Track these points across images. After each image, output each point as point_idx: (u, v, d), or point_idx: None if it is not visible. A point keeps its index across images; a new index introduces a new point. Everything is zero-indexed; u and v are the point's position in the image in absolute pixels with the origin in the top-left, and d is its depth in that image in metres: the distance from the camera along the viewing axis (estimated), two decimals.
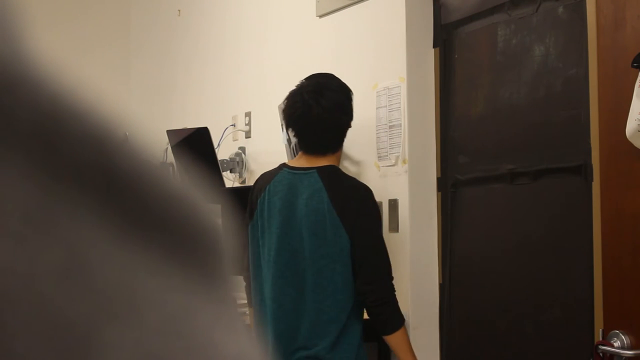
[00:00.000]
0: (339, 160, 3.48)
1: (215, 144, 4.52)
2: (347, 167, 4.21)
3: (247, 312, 3.56)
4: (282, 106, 4.10)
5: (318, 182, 3.32)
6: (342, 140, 3.46)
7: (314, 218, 3.28)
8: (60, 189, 0.30)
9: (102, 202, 0.31)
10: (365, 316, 3.95)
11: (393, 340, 3.34)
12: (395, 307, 3.34)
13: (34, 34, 0.32)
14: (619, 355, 2.93)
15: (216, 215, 0.34)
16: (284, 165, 3.46)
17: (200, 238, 0.33)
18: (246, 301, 3.59)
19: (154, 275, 0.31)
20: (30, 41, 0.32)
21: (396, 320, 3.34)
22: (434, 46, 3.92)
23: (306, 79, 3.47)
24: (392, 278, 3.35)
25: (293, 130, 3.43)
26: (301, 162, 3.43)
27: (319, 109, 3.36)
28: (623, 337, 2.93)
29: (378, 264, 3.31)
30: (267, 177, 3.45)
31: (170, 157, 5.18)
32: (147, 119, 6.02)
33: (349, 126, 3.47)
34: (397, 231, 3.92)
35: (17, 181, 0.29)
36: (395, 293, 3.35)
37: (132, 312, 0.30)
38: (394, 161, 3.93)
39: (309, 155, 3.42)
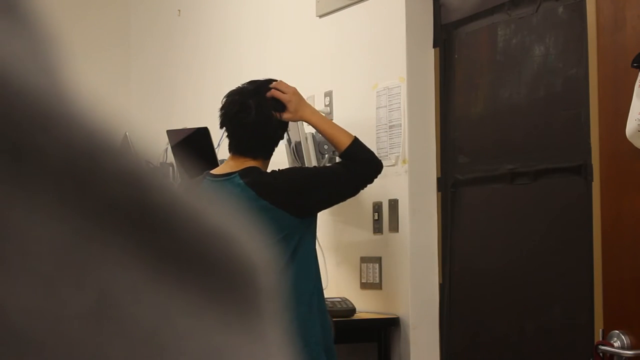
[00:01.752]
0: (267, 166, 3.40)
1: (215, 144, 4.52)
2: None
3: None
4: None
5: (240, 184, 3.26)
6: (273, 150, 3.40)
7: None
8: (92, 229, 0.29)
9: (136, 241, 0.30)
10: (363, 315, 3.95)
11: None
12: (365, 157, 3.45)
13: (71, 66, 0.32)
14: (619, 355, 2.93)
15: (258, 250, 0.33)
16: (207, 173, 3.39)
17: (237, 275, 0.32)
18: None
19: (188, 316, 0.30)
20: (67, 74, 0.31)
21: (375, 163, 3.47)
22: (434, 46, 3.92)
23: (248, 83, 3.43)
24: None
25: (227, 130, 3.38)
26: (225, 167, 3.37)
27: (257, 112, 3.31)
28: (623, 337, 2.93)
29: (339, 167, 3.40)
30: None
31: (170, 157, 5.18)
32: (147, 119, 6.02)
33: (281, 138, 3.44)
34: (397, 231, 3.92)
35: (48, 221, 0.28)
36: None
37: (163, 356, 0.29)
38: (394, 161, 3.93)
39: (237, 156, 3.35)
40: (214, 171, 3.40)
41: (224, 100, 3.40)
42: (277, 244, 3.22)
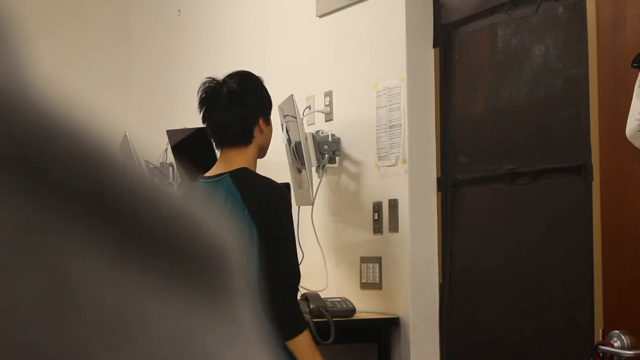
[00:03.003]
0: (253, 159, 3.42)
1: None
2: (347, 167, 4.21)
3: None
4: (283, 106, 4.10)
5: (231, 185, 3.30)
6: (249, 134, 3.40)
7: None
8: (48, 213, 0.28)
9: (95, 225, 0.29)
10: (363, 315, 3.95)
11: (292, 345, 3.21)
12: (292, 310, 3.22)
13: (27, 48, 0.31)
14: (619, 355, 2.93)
15: (225, 232, 0.32)
16: (200, 177, 3.44)
17: (205, 258, 0.31)
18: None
19: (152, 299, 0.29)
20: (22, 56, 0.31)
21: (293, 325, 3.21)
22: (434, 46, 3.92)
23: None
24: (294, 280, 3.24)
25: (202, 109, 3.45)
26: (215, 169, 3.41)
27: (228, 87, 3.39)
28: (623, 337, 2.93)
29: (278, 264, 3.21)
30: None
31: (170, 157, 5.18)
32: (147, 120, 6.02)
33: (256, 122, 3.41)
34: (397, 231, 3.92)
35: (0, 206, 0.28)
36: (296, 296, 3.25)
37: (128, 341, 0.28)
38: (394, 161, 3.93)
39: (224, 152, 3.41)
40: (207, 173, 3.44)
41: (199, 90, 3.48)
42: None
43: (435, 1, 3.93)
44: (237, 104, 3.40)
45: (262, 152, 3.48)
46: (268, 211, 3.24)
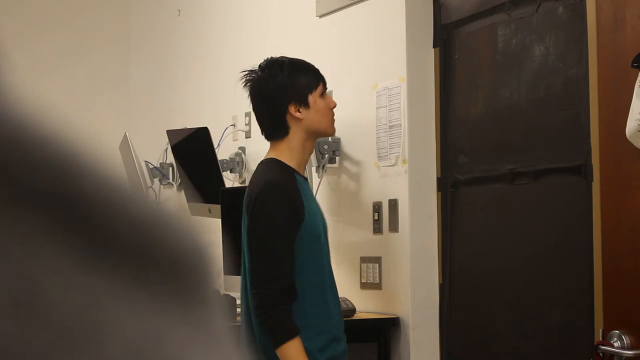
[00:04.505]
0: (288, 150, 3.18)
1: (215, 144, 4.52)
2: (347, 167, 4.21)
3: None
4: None
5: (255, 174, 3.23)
6: (282, 127, 3.18)
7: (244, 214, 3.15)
8: (13, 217, 0.28)
9: (63, 230, 0.29)
10: (363, 315, 3.95)
11: (278, 354, 2.98)
12: (273, 318, 2.98)
13: (4, 61, 0.31)
14: (619, 355, 2.93)
15: (203, 235, 0.32)
16: None
17: (176, 264, 0.31)
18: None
19: (120, 304, 0.29)
20: None
21: (278, 334, 2.98)
22: (434, 46, 3.92)
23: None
24: (275, 285, 2.98)
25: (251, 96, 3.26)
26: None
27: (252, 86, 3.21)
28: (623, 337, 2.93)
29: (257, 268, 3.01)
30: None
31: (170, 157, 5.18)
32: (147, 120, 6.02)
33: (286, 112, 3.17)
34: (397, 231, 3.92)
35: None
36: (279, 302, 2.98)
37: (93, 343, 0.28)
38: (394, 161, 3.93)
39: (270, 142, 3.25)
40: None
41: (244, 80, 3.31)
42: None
43: (435, 1, 3.93)
44: (260, 103, 3.23)
45: (312, 133, 3.22)
46: (253, 209, 3.07)
